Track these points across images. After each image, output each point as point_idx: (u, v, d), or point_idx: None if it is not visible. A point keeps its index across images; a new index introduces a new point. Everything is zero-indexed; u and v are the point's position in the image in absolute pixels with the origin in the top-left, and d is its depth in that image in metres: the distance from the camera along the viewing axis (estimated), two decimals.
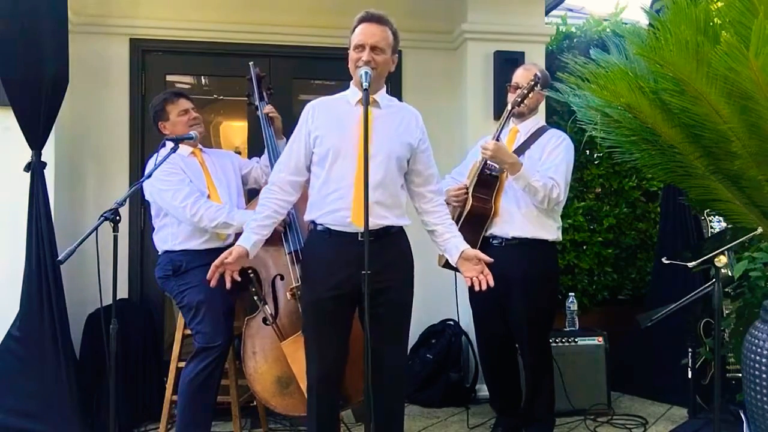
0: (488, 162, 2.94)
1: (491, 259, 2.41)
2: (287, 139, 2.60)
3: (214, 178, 3.03)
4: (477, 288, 2.39)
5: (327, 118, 2.43)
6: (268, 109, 3.18)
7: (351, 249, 2.31)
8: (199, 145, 3.11)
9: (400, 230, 2.47)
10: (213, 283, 2.39)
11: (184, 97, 3.05)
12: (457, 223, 2.96)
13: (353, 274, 2.28)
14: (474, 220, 2.93)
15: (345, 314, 2.44)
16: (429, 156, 2.54)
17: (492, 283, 2.38)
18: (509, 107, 2.93)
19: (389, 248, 2.40)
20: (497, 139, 2.89)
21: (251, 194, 3.29)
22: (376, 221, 2.33)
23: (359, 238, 2.30)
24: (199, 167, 3.01)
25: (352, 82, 2.47)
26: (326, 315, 2.40)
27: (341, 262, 2.33)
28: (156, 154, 2.87)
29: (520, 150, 2.97)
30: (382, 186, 2.37)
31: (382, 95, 2.46)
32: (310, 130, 2.43)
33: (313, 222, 2.45)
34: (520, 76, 3.04)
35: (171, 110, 3.01)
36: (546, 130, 3.06)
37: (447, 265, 3.06)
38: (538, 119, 3.18)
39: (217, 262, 2.37)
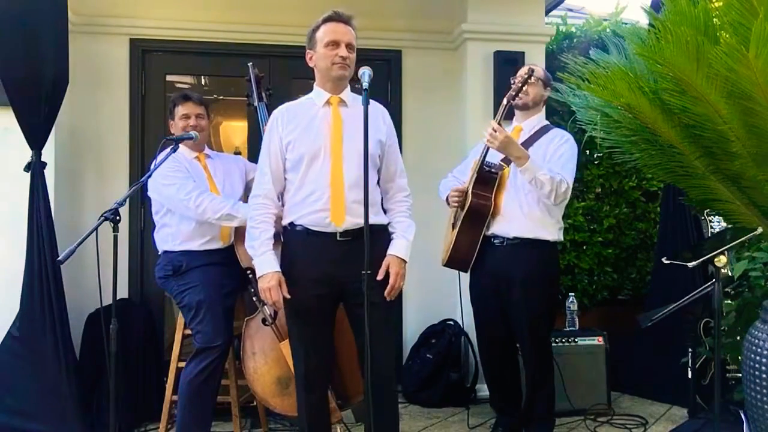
0: (487, 160, 2.94)
1: (381, 277, 2.36)
2: None
3: (217, 183, 3.03)
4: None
5: (296, 123, 2.42)
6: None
7: (330, 248, 2.32)
8: (206, 150, 3.11)
9: (382, 228, 2.45)
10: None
11: (193, 101, 3.03)
12: (458, 222, 2.98)
13: (333, 274, 2.32)
14: (473, 217, 2.93)
15: (326, 313, 2.45)
16: (395, 151, 2.54)
17: (389, 298, 2.37)
18: (504, 101, 2.93)
19: (373, 246, 2.29)
20: None
21: None
22: (355, 220, 2.31)
23: (338, 238, 2.33)
24: (202, 171, 3.02)
25: (316, 84, 2.48)
26: (308, 314, 2.41)
27: (321, 262, 2.34)
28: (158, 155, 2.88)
29: (523, 147, 2.97)
30: (358, 185, 2.32)
31: (347, 93, 2.46)
32: (281, 136, 2.42)
33: (290, 223, 2.42)
34: (520, 73, 3.06)
35: (177, 112, 3.02)
36: (549, 129, 3.06)
37: (449, 264, 3.07)
38: (541, 118, 3.18)
39: (278, 299, 2.34)
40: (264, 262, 2.37)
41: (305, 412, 2.48)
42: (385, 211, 2.52)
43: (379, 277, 2.35)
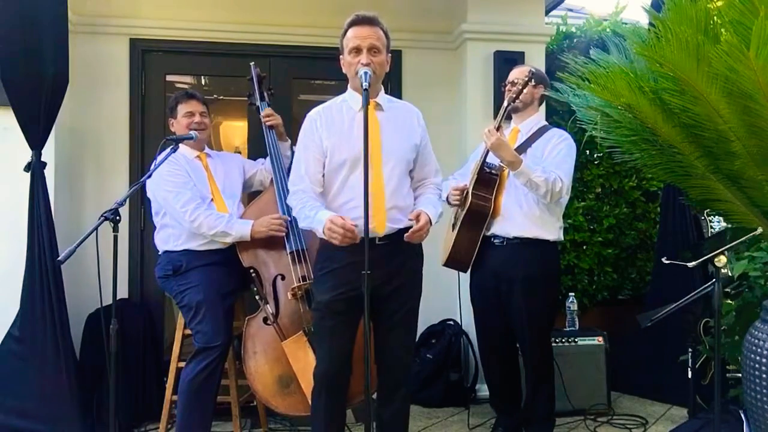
0: (487, 161, 2.94)
1: (421, 222, 2.33)
2: (291, 141, 2.56)
3: (218, 182, 3.03)
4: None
5: (335, 128, 2.40)
6: (266, 113, 3.13)
7: (370, 252, 2.30)
8: (206, 150, 3.11)
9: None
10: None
11: (197, 99, 3.02)
12: (458, 222, 2.98)
13: (372, 276, 2.29)
14: (473, 218, 2.93)
15: (357, 314, 2.43)
16: (430, 151, 2.56)
17: (409, 239, 2.32)
18: (505, 104, 2.94)
19: (404, 249, 2.41)
20: None
21: (253, 196, 3.29)
22: (393, 226, 2.36)
23: (377, 242, 2.34)
24: (203, 171, 3.02)
25: (350, 87, 2.45)
26: (340, 315, 2.40)
27: (360, 265, 2.29)
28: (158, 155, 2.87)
29: (522, 149, 2.98)
30: (397, 191, 2.38)
31: (382, 97, 2.46)
32: (321, 139, 2.39)
33: None
34: (515, 73, 3.05)
35: (180, 109, 3.02)
36: (548, 129, 3.07)
37: (449, 264, 3.07)
38: (539, 118, 3.18)
39: (348, 232, 2.22)
40: (319, 218, 2.29)
41: (323, 413, 2.45)
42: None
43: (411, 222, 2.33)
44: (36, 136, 3.23)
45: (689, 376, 3.40)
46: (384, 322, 2.41)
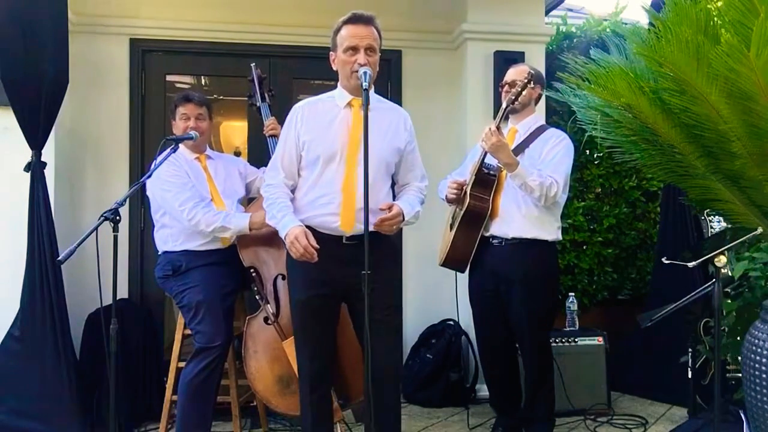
0: (485, 161, 2.94)
1: (393, 212, 2.35)
2: None
3: (218, 184, 3.03)
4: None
5: (315, 122, 2.41)
6: (268, 124, 3.15)
7: (336, 250, 2.31)
8: (207, 151, 3.11)
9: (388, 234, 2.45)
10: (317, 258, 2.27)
11: (194, 102, 3.01)
12: (456, 222, 2.98)
13: (338, 275, 2.30)
14: (471, 218, 2.93)
15: (332, 312, 2.46)
16: (415, 156, 2.55)
17: (378, 229, 2.33)
18: (504, 105, 2.93)
19: (375, 250, 2.33)
20: None
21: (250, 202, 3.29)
22: (362, 227, 2.32)
23: (344, 241, 2.33)
24: (202, 172, 3.02)
25: (340, 85, 2.46)
26: (314, 313, 2.41)
27: (327, 263, 2.31)
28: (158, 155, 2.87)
29: (520, 149, 2.97)
30: (371, 192, 2.35)
31: (371, 95, 2.45)
32: (299, 134, 2.40)
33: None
34: (513, 74, 3.04)
35: (177, 112, 3.02)
36: (546, 129, 3.06)
37: (446, 264, 3.07)
38: (538, 118, 3.17)
39: (307, 253, 2.26)
40: (285, 224, 2.33)
41: (309, 412, 2.47)
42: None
43: (382, 210, 2.33)
44: (36, 136, 3.23)
45: (689, 376, 3.40)
46: (362, 322, 2.40)
